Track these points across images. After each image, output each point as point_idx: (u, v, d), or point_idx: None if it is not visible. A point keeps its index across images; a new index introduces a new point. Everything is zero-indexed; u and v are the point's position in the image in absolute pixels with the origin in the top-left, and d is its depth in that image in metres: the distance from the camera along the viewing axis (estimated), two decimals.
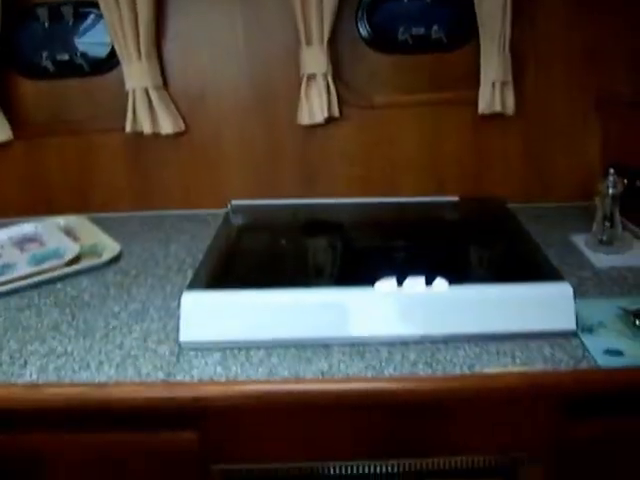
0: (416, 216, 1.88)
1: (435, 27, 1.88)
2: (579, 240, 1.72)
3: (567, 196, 1.96)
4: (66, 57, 1.92)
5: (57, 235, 1.78)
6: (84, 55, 1.91)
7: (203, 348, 1.28)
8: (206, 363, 1.24)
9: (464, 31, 1.88)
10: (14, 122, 1.92)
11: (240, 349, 1.28)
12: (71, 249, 1.67)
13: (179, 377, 1.21)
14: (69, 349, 1.30)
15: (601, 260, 1.61)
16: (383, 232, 1.81)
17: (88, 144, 1.97)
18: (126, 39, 1.79)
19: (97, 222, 1.86)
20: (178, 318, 1.33)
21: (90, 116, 1.95)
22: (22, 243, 1.76)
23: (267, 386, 1.20)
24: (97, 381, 1.20)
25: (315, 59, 1.82)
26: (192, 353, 1.28)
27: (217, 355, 1.26)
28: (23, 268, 1.61)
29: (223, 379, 1.20)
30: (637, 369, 1.20)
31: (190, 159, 1.99)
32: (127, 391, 1.20)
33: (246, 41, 1.89)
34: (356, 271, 1.53)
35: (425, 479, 1.31)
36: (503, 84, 1.85)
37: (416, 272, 1.41)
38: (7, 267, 1.63)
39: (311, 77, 1.84)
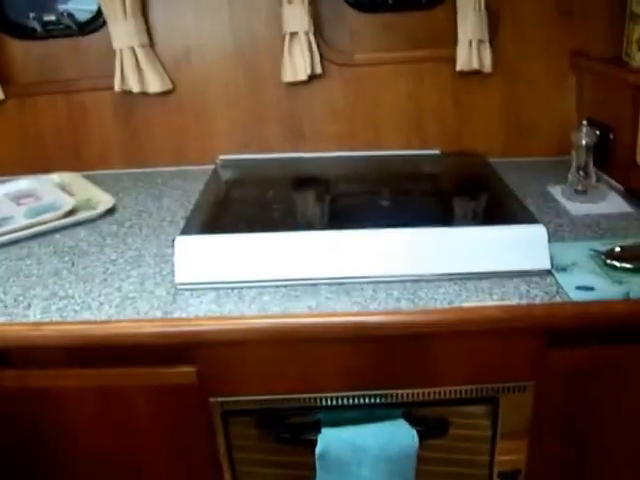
0: (399, 168, 1.95)
1: None
2: (555, 190, 1.80)
3: (544, 150, 2.04)
4: (53, 17, 1.96)
5: (52, 190, 1.83)
6: (71, 15, 1.94)
7: (198, 289, 1.35)
8: (201, 302, 1.32)
9: None
10: (4, 82, 1.97)
11: (233, 289, 1.35)
12: (67, 202, 1.73)
13: (176, 315, 1.28)
14: (70, 292, 1.37)
15: (576, 208, 1.69)
16: (368, 183, 1.87)
17: (79, 103, 2.02)
18: (113, 1, 1.84)
19: (89, 179, 1.92)
20: (173, 263, 1.40)
21: (79, 76, 1.99)
22: (18, 198, 1.82)
23: (260, 321, 1.27)
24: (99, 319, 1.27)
25: (297, 17, 1.87)
26: (188, 293, 1.35)
27: (211, 295, 1.34)
28: (21, 220, 1.67)
29: (218, 315, 1.28)
30: (607, 302, 1.29)
31: (178, 117, 2.04)
32: (127, 327, 1.27)
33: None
34: (343, 217, 1.61)
35: (412, 408, 1.39)
36: (480, 42, 1.91)
37: (400, 217, 1.50)
38: (5, 220, 1.69)
39: (293, 35, 1.89)
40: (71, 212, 1.71)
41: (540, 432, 1.43)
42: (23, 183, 1.89)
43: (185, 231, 1.44)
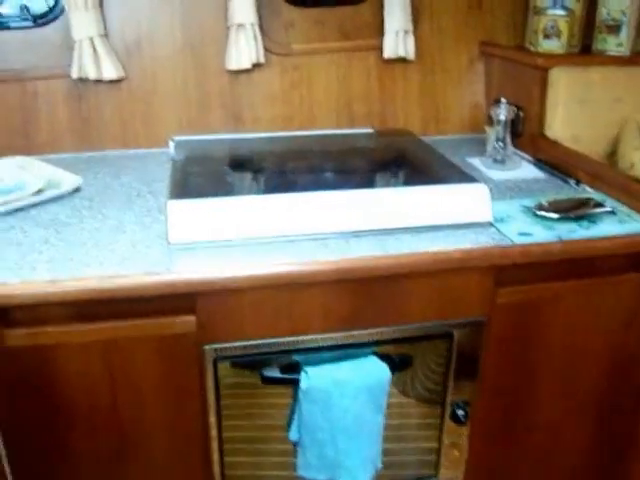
0: (340, 145, 2.12)
1: None
2: (474, 161, 2.03)
3: (457, 128, 2.29)
4: (8, 10, 2.03)
5: (13, 172, 1.88)
6: (26, 8, 2.02)
7: (189, 248, 1.48)
8: (196, 258, 1.45)
9: None
10: None
11: (222, 247, 1.49)
12: (35, 181, 1.79)
13: (175, 268, 1.41)
14: (67, 256, 1.46)
15: (497, 175, 1.93)
16: (316, 158, 2.04)
17: (31, 90, 2.07)
18: None
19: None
20: (158, 228, 1.55)
21: (32, 65, 2.06)
22: None
23: (250, 270, 1.42)
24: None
25: (244, 9, 2.02)
26: (181, 252, 1.47)
27: (204, 252, 1.47)
28: None
29: (212, 269, 1.42)
30: (546, 243, 1.53)
31: (128, 103, 2.13)
32: (131, 281, 1.38)
33: None
34: (304, 183, 1.78)
35: (379, 347, 1.57)
36: (405, 32, 2.13)
37: (360, 182, 1.69)
38: None
39: (240, 26, 2.04)
40: (39, 191, 1.77)
41: (490, 364, 1.64)
42: None
43: (172, 196, 1.55)
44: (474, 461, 1.77)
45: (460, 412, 1.68)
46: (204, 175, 1.84)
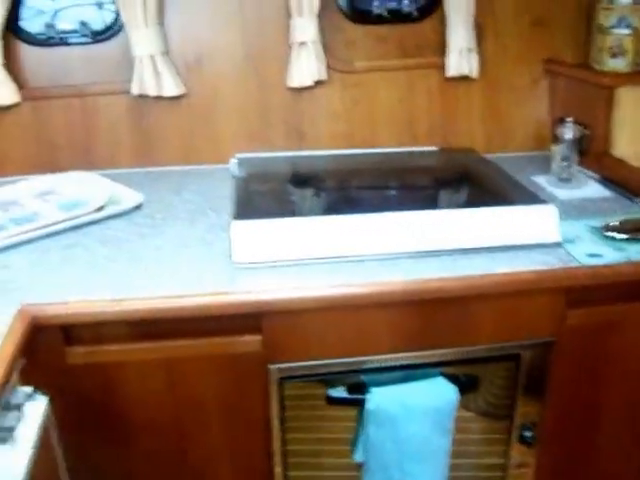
0: (403, 163, 2.10)
1: (406, 1, 2.12)
2: (540, 180, 1.99)
3: (521, 146, 2.24)
4: (68, 26, 2.04)
5: (74, 187, 1.90)
6: (85, 24, 2.03)
7: (254, 267, 1.47)
8: (260, 278, 1.43)
9: (430, 4, 2.13)
10: (20, 86, 2.02)
11: (287, 266, 1.47)
12: (97, 197, 1.79)
13: (240, 288, 1.40)
14: (131, 274, 1.46)
15: (563, 194, 1.89)
16: (383, 176, 2.01)
17: (92, 106, 2.09)
18: (135, 9, 1.93)
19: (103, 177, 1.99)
20: (221, 246, 1.54)
21: (92, 80, 2.07)
22: (42, 195, 1.87)
23: (317, 291, 1.41)
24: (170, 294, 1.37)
25: (306, 28, 2.01)
26: (245, 271, 1.46)
27: (268, 271, 1.46)
28: (55, 214, 1.73)
29: (279, 289, 1.40)
30: (616, 265, 1.49)
31: (189, 119, 2.13)
32: (196, 301, 1.37)
33: (241, 10, 2.06)
34: (371, 202, 1.75)
35: (446, 367, 1.54)
36: (469, 50, 2.10)
37: (427, 202, 1.67)
38: (36, 215, 1.74)
39: (302, 44, 2.03)
40: (101, 207, 1.77)
41: (557, 385, 1.60)
42: (43, 181, 1.95)
43: (237, 216, 1.54)
44: None
45: (527, 434, 1.65)
46: (266, 193, 1.83)
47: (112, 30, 2.05)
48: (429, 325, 1.49)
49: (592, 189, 1.93)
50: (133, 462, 1.52)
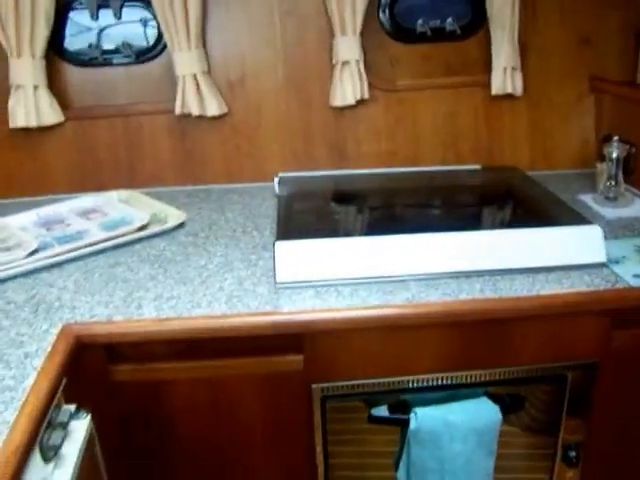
0: (446, 181, 2.13)
1: (449, 19, 2.13)
2: (586, 198, 2.00)
3: (566, 164, 2.25)
4: (112, 46, 2.10)
5: (118, 206, 1.95)
6: (129, 45, 2.09)
7: (297, 287, 1.49)
8: (303, 298, 1.46)
9: (474, 23, 2.15)
10: (64, 106, 2.09)
11: (329, 286, 1.50)
12: (141, 216, 1.84)
13: (284, 309, 1.42)
14: (175, 293, 1.49)
15: (609, 213, 1.89)
16: (425, 195, 2.05)
17: (135, 125, 2.15)
18: (178, 32, 1.99)
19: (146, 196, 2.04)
20: (264, 266, 1.57)
21: (135, 100, 2.13)
22: (85, 214, 1.93)
23: (360, 312, 1.43)
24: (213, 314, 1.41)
25: (349, 47, 2.05)
26: (288, 291, 1.49)
27: (311, 291, 1.48)
28: (98, 233, 1.78)
29: (321, 309, 1.42)
30: None
31: (231, 138, 2.19)
32: (239, 321, 1.40)
33: (282, 30, 2.11)
34: (413, 222, 1.76)
35: (490, 387, 1.55)
36: (513, 69, 2.12)
37: (468, 222, 1.68)
38: (80, 233, 1.79)
39: (345, 64, 2.06)
40: (143, 226, 1.81)
41: (603, 406, 1.60)
42: (87, 200, 2.01)
43: (280, 237, 1.57)
44: None
45: (572, 454, 1.65)
46: (309, 212, 1.87)
47: (155, 50, 2.12)
48: (470, 346, 1.51)
49: (639, 208, 1.93)
50: (177, 474, 1.56)
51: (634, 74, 2.12)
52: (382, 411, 1.55)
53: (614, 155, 1.91)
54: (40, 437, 1.12)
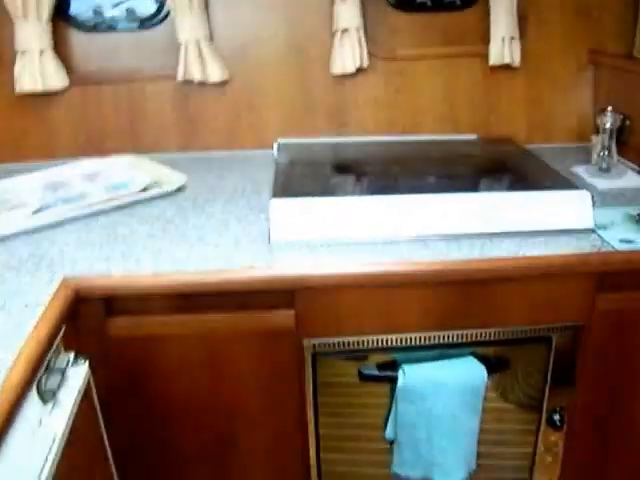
0: (442, 151, 2.19)
1: None
2: (580, 170, 2.06)
3: (563, 137, 2.31)
4: (116, 12, 2.17)
5: (120, 170, 2.03)
6: (132, 11, 2.16)
7: (290, 245, 1.56)
8: (296, 255, 1.53)
9: None
10: (69, 71, 2.17)
11: (322, 245, 1.57)
12: (143, 179, 1.92)
13: (278, 264, 1.50)
14: (172, 250, 1.56)
15: (601, 183, 1.95)
16: (420, 162, 2.11)
17: (139, 91, 2.22)
18: None
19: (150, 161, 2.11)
20: (260, 226, 1.64)
21: (139, 66, 2.20)
22: (90, 177, 2.01)
23: (350, 269, 1.50)
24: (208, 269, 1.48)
25: (349, 14, 2.11)
26: (282, 249, 1.56)
27: (304, 249, 1.55)
28: (101, 194, 1.85)
29: (314, 265, 1.50)
30: None
31: (233, 104, 2.26)
32: (232, 275, 1.48)
33: None
34: (407, 186, 1.83)
35: (477, 348, 1.62)
36: (511, 39, 2.17)
37: (460, 187, 1.75)
38: (84, 194, 1.87)
39: (345, 31, 2.13)
40: (145, 188, 1.89)
41: (587, 370, 1.67)
42: (91, 164, 2.08)
43: (275, 195, 1.65)
44: (569, 467, 1.80)
45: (556, 417, 1.72)
46: (306, 177, 1.93)
47: (159, 16, 2.17)
48: (458, 306, 1.57)
49: (632, 179, 1.99)
50: (170, 429, 1.63)
51: (630, 47, 2.17)
52: (372, 370, 1.62)
53: (607, 126, 1.97)
54: (38, 379, 1.19)
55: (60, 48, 2.15)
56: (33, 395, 1.17)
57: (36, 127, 2.23)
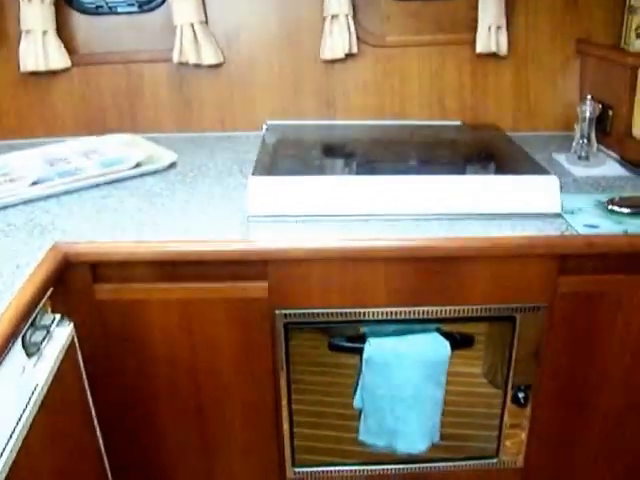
0: (425, 136, 2.32)
1: None
2: (560, 157, 2.17)
3: (549, 125, 2.42)
4: None
5: (116, 147, 2.16)
6: None
7: (266, 220, 1.69)
8: (271, 229, 1.66)
9: None
10: (71, 52, 2.32)
11: (296, 221, 1.69)
12: (135, 155, 2.06)
13: (253, 237, 1.63)
14: (156, 221, 1.70)
15: (579, 171, 2.06)
16: (404, 145, 2.24)
17: (137, 72, 2.37)
18: None
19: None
20: (241, 202, 1.75)
21: (137, 48, 2.35)
22: (87, 153, 2.14)
23: (319, 243, 1.63)
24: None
25: (339, 1, 2.23)
26: (258, 224, 1.69)
27: (279, 224, 1.68)
28: (95, 169, 1.99)
29: (287, 239, 1.63)
30: (610, 235, 1.65)
31: (226, 87, 2.40)
32: (214, 245, 1.61)
33: None
34: (384, 168, 1.97)
35: (442, 324, 1.75)
36: (498, 28, 2.28)
37: (433, 169, 1.90)
38: (79, 169, 2.01)
39: (334, 17, 2.25)
40: (138, 165, 2.03)
41: (551, 350, 1.78)
42: (89, 141, 2.22)
43: (255, 173, 1.78)
44: (534, 444, 1.92)
45: (521, 395, 1.83)
46: (290, 157, 2.07)
47: (156, 1, 2.31)
48: (424, 282, 1.69)
49: (610, 168, 2.09)
50: (151, 389, 1.78)
51: (618, 38, 2.28)
52: (342, 341, 1.76)
53: (587, 114, 2.07)
54: (23, 333, 1.33)
55: (63, 30, 2.30)
56: (17, 346, 1.30)
57: (39, 105, 2.38)
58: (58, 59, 2.29)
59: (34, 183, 1.89)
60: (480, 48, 2.30)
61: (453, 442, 1.90)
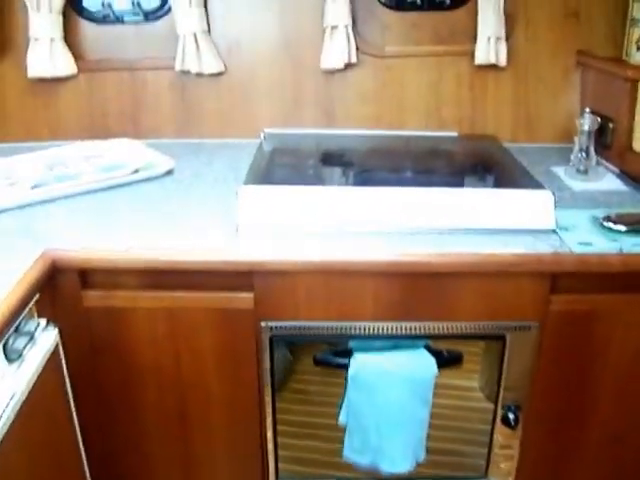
0: (422, 147, 2.23)
1: None
2: (559, 171, 2.05)
3: (549, 138, 2.31)
4: (123, 6, 2.27)
5: (116, 153, 2.09)
6: (138, 4, 2.25)
7: (256, 230, 1.61)
8: (258, 239, 1.58)
9: None
10: (77, 58, 2.26)
11: (285, 232, 1.61)
12: (134, 161, 1.99)
13: (240, 248, 1.55)
14: (147, 228, 1.64)
15: (577, 185, 1.95)
16: (397, 156, 2.17)
17: (141, 80, 2.30)
18: None
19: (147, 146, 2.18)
20: (233, 212, 1.66)
21: (141, 56, 2.29)
22: (87, 158, 2.07)
23: (308, 256, 1.54)
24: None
25: (339, 12, 2.15)
26: (248, 233, 1.60)
27: (267, 235, 1.59)
28: (94, 174, 1.93)
29: (274, 251, 1.55)
30: (604, 254, 1.55)
31: (227, 96, 2.32)
32: (202, 254, 1.54)
33: None
34: (377, 179, 1.89)
35: (431, 341, 1.66)
36: (497, 39, 2.18)
37: (425, 182, 1.81)
38: (77, 174, 1.94)
39: (334, 28, 2.17)
40: (136, 170, 1.96)
41: (542, 370, 1.69)
42: (90, 145, 2.16)
43: (246, 183, 1.70)
44: (525, 466, 1.82)
45: (511, 416, 1.72)
46: (284, 166, 2.00)
47: (162, 10, 2.25)
48: (412, 297, 1.60)
49: (609, 182, 1.98)
50: (135, 398, 1.71)
51: (620, 50, 2.17)
52: (327, 356, 1.68)
53: (585, 127, 1.96)
54: (5, 339, 1.27)
55: (71, 37, 2.25)
56: None
57: (45, 110, 2.33)
58: (65, 66, 2.24)
59: (33, 187, 1.84)
60: (479, 59, 2.21)
61: (442, 457, 1.80)
